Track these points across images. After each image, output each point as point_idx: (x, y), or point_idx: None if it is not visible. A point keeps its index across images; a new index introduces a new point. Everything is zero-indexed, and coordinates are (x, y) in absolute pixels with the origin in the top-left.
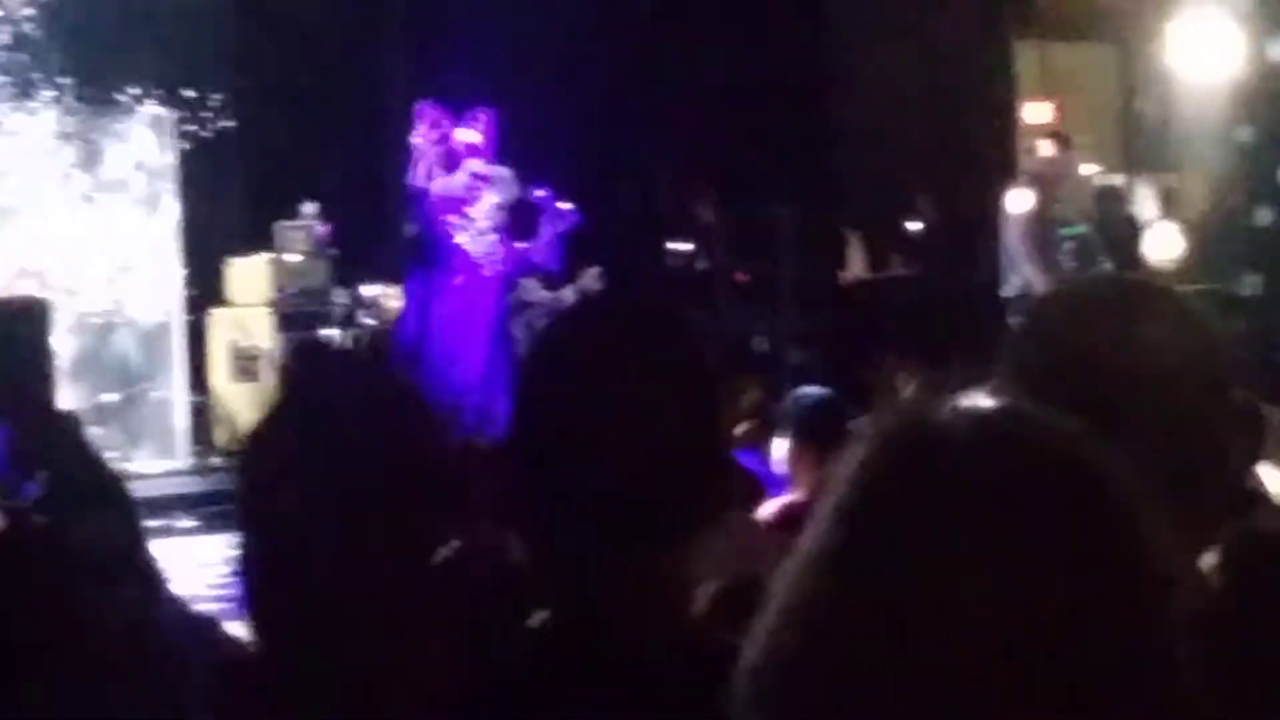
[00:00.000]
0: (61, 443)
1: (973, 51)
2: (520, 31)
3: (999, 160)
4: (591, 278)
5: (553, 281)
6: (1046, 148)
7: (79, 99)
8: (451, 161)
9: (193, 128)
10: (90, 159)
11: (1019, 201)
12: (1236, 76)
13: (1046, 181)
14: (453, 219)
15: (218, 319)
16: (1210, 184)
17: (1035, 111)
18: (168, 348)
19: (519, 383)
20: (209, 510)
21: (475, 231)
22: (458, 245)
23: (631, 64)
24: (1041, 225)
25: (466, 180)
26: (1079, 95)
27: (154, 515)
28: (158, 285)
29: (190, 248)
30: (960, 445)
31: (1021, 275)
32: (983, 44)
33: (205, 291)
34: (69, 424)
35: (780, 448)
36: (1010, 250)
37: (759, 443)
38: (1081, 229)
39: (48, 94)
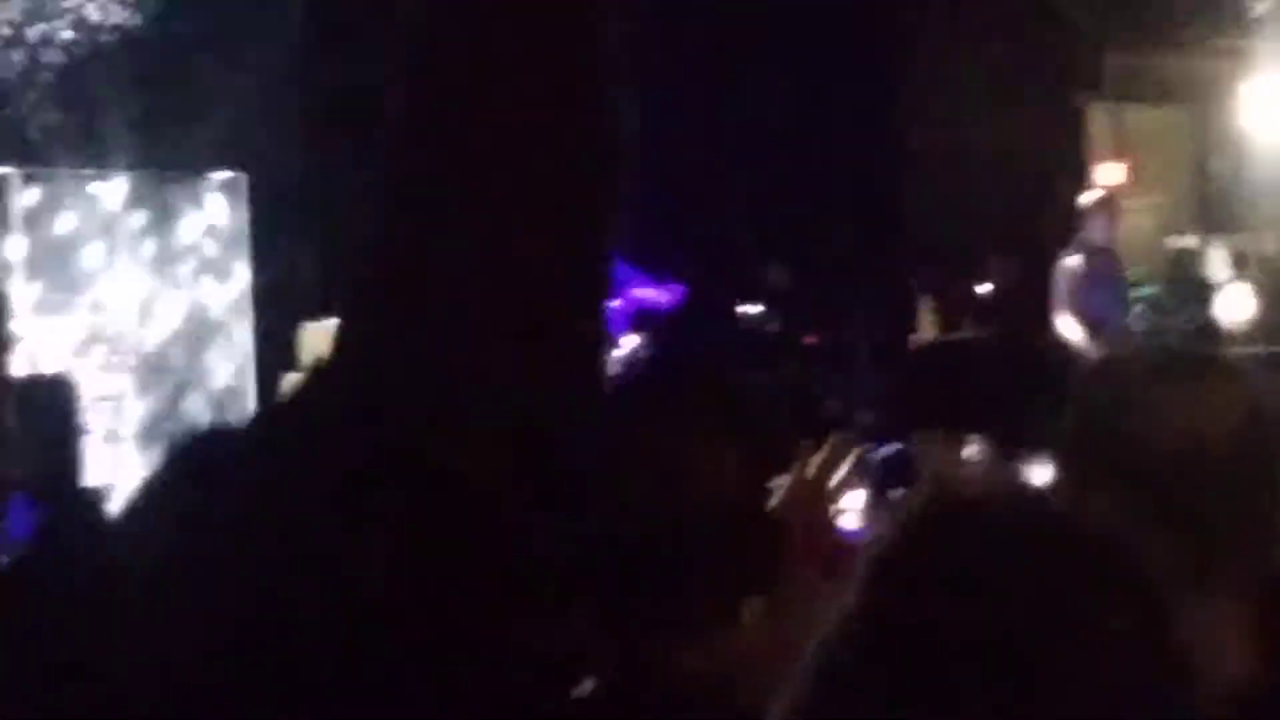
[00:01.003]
0: (79, 520)
1: (1046, 114)
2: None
3: (1072, 222)
4: (642, 344)
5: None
6: (1097, 215)
7: (151, 164)
8: None
9: (266, 192)
10: (163, 224)
11: (1068, 266)
12: None
13: (1095, 249)
14: None
15: (291, 384)
16: None
17: (1109, 173)
18: (241, 412)
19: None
20: None
21: None
22: None
23: (706, 128)
24: (1089, 285)
25: None
26: (1153, 156)
27: None
28: (231, 350)
29: (264, 312)
30: (987, 522)
31: (1066, 334)
32: (1056, 106)
33: (279, 356)
34: (90, 501)
35: (857, 502)
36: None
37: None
38: (1153, 290)
39: (121, 159)
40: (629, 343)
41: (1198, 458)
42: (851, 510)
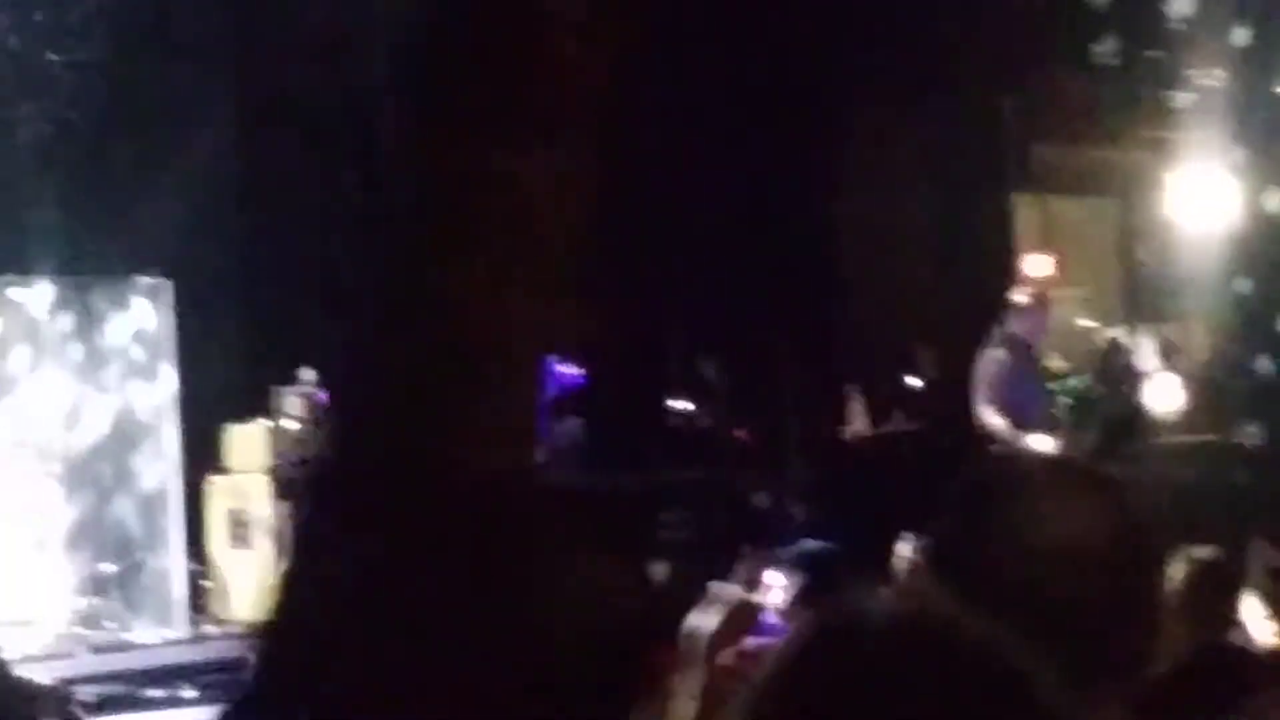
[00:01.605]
0: None
1: (974, 206)
2: None
3: (1000, 314)
4: (571, 426)
5: None
6: (1023, 306)
7: (75, 270)
8: None
9: (190, 295)
10: (88, 328)
11: (990, 360)
12: (1235, 228)
13: (1016, 342)
14: None
15: (216, 486)
16: (1210, 334)
17: (1036, 264)
18: (165, 515)
19: None
20: (207, 680)
21: None
22: None
23: (631, 216)
24: (1013, 380)
25: None
26: (1080, 247)
27: (153, 685)
28: (158, 453)
29: (188, 414)
30: (874, 643)
31: (989, 426)
32: (984, 198)
33: (204, 458)
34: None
35: (778, 596)
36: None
37: None
38: (1078, 381)
39: (45, 264)
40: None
41: (1077, 567)
42: (773, 611)
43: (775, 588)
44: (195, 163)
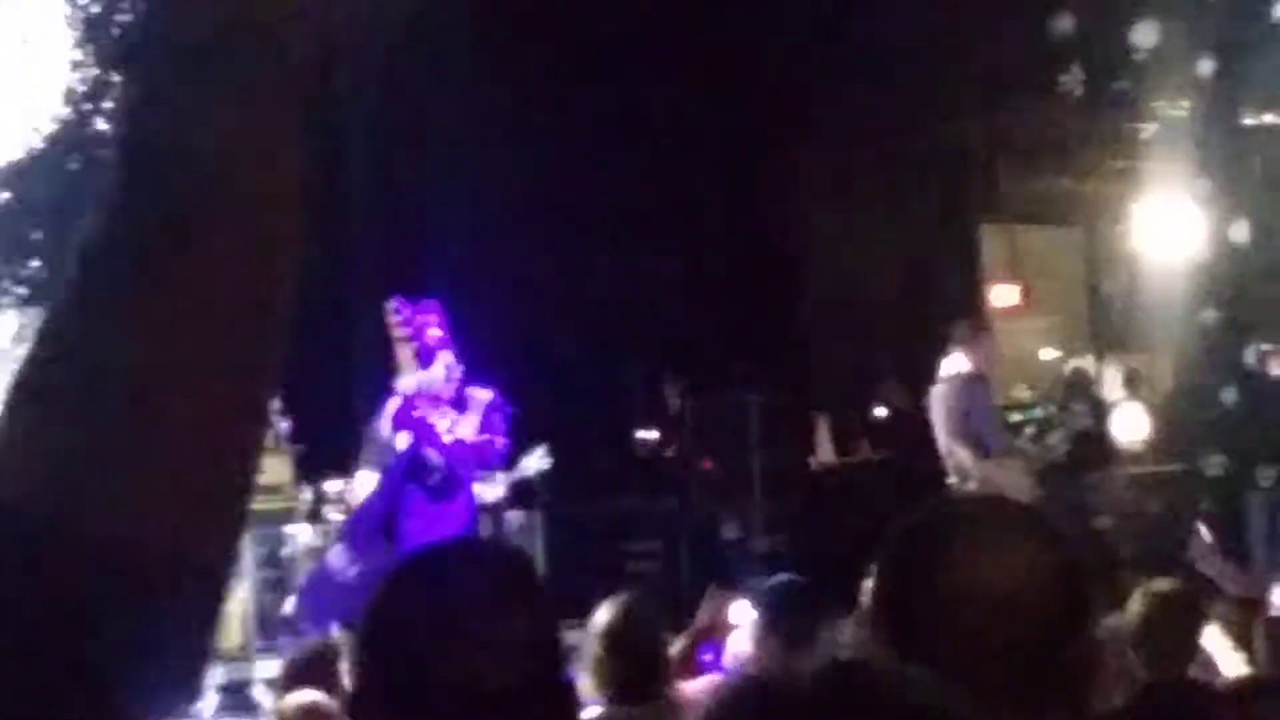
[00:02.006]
0: None
1: (940, 236)
2: (479, 219)
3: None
4: (536, 457)
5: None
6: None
7: (41, 298)
8: (425, 356)
9: None
10: None
11: (946, 390)
12: (1200, 258)
13: (969, 372)
14: (432, 414)
15: None
16: (1176, 364)
17: (1002, 294)
18: None
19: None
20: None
21: (453, 426)
22: (435, 441)
23: (597, 249)
24: (971, 409)
25: (443, 374)
26: (1046, 277)
27: None
28: None
29: None
30: (800, 702)
31: (953, 460)
32: (950, 228)
33: None
34: None
35: (740, 637)
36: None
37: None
38: (1041, 411)
39: (10, 293)
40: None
41: (1010, 613)
42: (741, 641)
43: (743, 623)
44: None
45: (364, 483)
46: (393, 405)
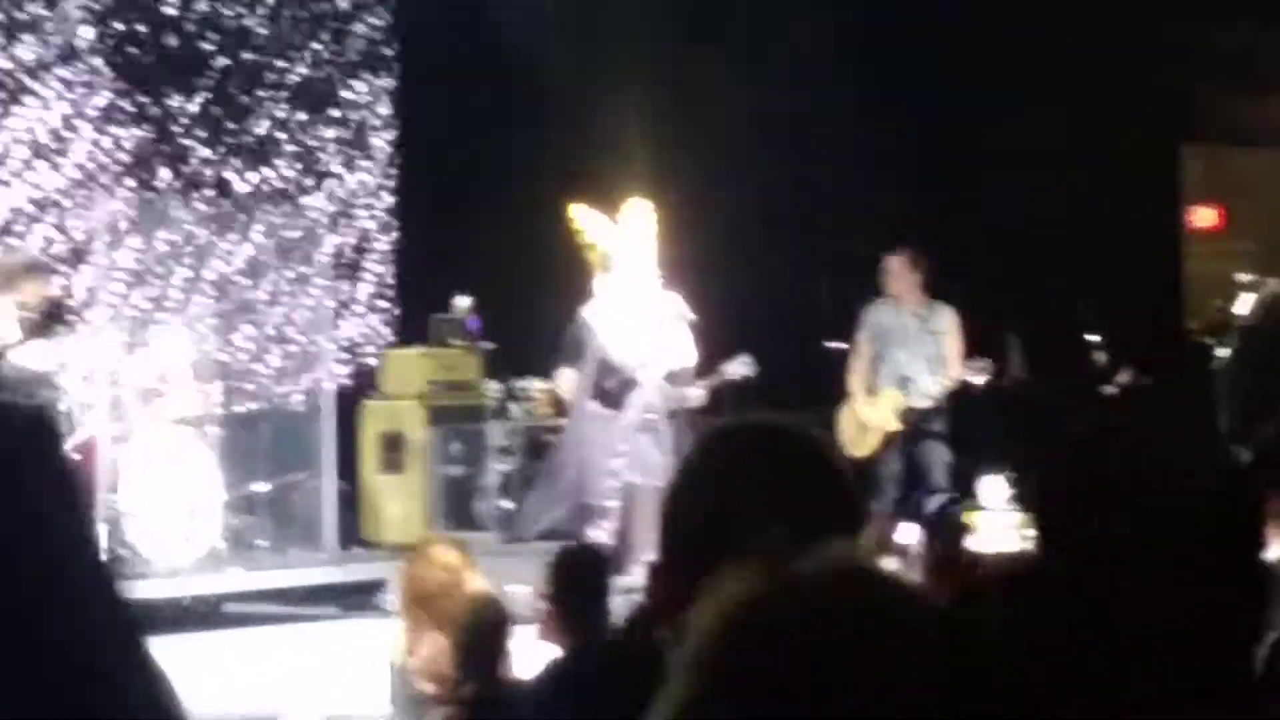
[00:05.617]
0: None
1: (1137, 157)
2: (677, 124)
3: (1163, 265)
4: (739, 363)
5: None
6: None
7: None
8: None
9: (348, 220)
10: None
11: None
12: None
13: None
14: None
15: (370, 410)
16: None
17: (1202, 216)
18: (318, 437)
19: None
20: (352, 600)
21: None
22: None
23: (792, 162)
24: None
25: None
26: (1247, 200)
27: (300, 603)
28: (311, 375)
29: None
30: (814, 603)
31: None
32: (1148, 149)
33: (360, 382)
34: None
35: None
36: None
37: None
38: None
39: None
40: None
41: (1183, 522)
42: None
43: (909, 542)
44: None
45: (566, 380)
46: (587, 308)
